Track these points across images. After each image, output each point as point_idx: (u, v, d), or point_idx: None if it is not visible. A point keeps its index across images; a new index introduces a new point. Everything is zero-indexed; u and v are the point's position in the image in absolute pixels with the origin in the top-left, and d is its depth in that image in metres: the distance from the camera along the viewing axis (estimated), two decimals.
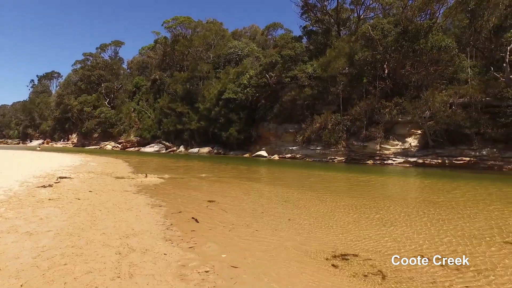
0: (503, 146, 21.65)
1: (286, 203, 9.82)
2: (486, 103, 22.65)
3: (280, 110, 34.39)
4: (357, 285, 4.42)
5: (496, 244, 6.11)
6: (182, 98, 47.90)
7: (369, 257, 5.42)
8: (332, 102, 30.64)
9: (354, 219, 7.96)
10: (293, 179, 17.42)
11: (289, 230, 6.99)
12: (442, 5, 29.94)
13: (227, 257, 5.22)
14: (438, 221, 7.71)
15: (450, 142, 23.46)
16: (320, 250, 5.72)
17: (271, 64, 35.96)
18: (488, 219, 7.93)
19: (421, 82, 26.83)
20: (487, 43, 27.37)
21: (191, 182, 14.58)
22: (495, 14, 26.30)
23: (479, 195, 11.98)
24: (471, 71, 25.91)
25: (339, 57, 30.93)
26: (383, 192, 13.14)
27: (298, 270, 4.85)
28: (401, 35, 26.47)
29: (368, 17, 39.82)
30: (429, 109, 23.93)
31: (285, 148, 33.23)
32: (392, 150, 25.50)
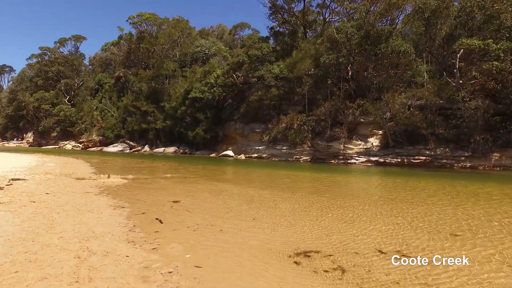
0: (454, 146, 23.23)
1: (251, 203, 9.91)
2: (440, 105, 24.18)
3: (247, 110, 34.53)
4: (318, 281, 4.57)
5: (444, 236, 6.55)
6: (147, 97, 46.71)
7: (331, 253, 5.61)
8: (298, 103, 31.21)
9: (317, 217, 8.19)
10: (259, 179, 17.58)
11: (253, 229, 7.07)
12: (401, 12, 31.47)
13: (191, 257, 5.21)
14: (396, 217, 8.12)
15: (408, 142, 24.77)
16: (284, 248, 5.85)
17: (238, 64, 36.01)
18: (442, 213, 8.47)
19: (382, 85, 28.09)
20: (440, 49, 29.17)
21: (155, 182, 14.30)
22: (447, 24, 28.08)
23: (434, 191, 12.75)
24: (427, 75, 27.51)
25: (305, 58, 31.59)
26: (346, 190, 13.62)
27: (261, 268, 4.94)
28: (364, 39, 27.50)
29: (333, 20, 40.94)
30: (390, 110, 25.10)
31: (251, 147, 33.41)
32: (355, 150, 26.48)
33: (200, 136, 37.60)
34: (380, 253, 5.61)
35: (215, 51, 48.77)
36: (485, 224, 7.54)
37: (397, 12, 31.19)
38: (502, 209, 9.34)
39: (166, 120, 42.06)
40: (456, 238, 6.45)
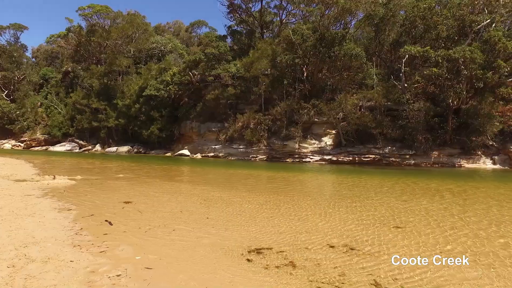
0: (400, 145, 24.85)
1: (206, 202, 9.86)
2: (388, 107, 25.74)
3: (203, 109, 34.18)
4: (269, 276, 4.68)
5: (390, 229, 7.00)
6: (99, 94, 44.39)
7: (282, 249, 5.76)
8: (254, 102, 31.49)
9: (271, 214, 8.35)
10: (214, 178, 17.50)
11: (207, 228, 7.05)
12: (354, 18, 32.92)
13: (141, 259, 5.09)
14: (346, 213, 8.52)
15: (359, 141, 26.04)
16: (237, 246, 5.90)
17: (195, 62, 35.49)
18: (387, 209, 9.02)
19: (336, 86, 29.24)
20: (388, 54, 31.02)
21: (107, 183, 13.71)
22: (394, 31, 29.91)
23: (381, 187, 13.53)
24: (376, 78, 29.09)
25: (261, 58, 31.90)
26: (300, 188, 14.01)
27: (214, 267, 4.96)
28: (318, 41, 28.37)
29: (290, 22, 41.76)
30: (342, 111, 26.21)
31: (208, 147, 33.16)
32: (310, 149, 27.31)
33: (155, 135, 36.56)
34: (330, 247, 5.87)
35: (171, 48, 47.62)
36: (424, 217, 8.15)
37: (349, 17, 32.56)
38: (441, 203, 10.15)
39: (119, 118, 40.32)
40: (399, 230, 6.92)
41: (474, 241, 6.29)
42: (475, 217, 8.18)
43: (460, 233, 6.82)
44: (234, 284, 4.39)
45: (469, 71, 22.60)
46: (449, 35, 26.16)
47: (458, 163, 23.74)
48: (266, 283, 4.48)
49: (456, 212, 8.74)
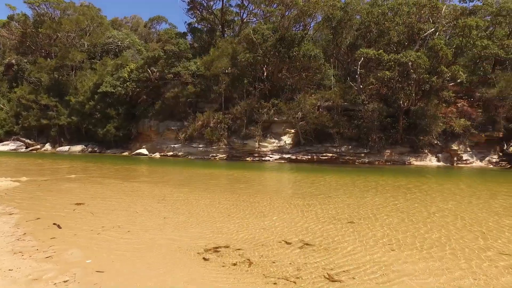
0: (356, 144, 25.98)
1: (163, 202, 9.64)
2: (344, 107, 26.76)
3: (162, 107, 33.36)
4: (225, 274, 4.68)
5: (345, 224, 7.28)
6: (49, 89, 41.67)
7: (240, 247, 5.78)
8: (214, 101, 31.30)
9: (229, 213, 8.35)
10: (173, 177, 17.16)
11: (163, 228, 6.90)
12: (313, 20, 33.84)
13: (92, 263, 4.87)
14: (303, 210, 8.72)
15: (317, 140, 26.83)
16: (194, 245, 5.84)
17: (154, 59, 34.52)
18: (343, 205, 9.36)
19: (295, 86, 29.85)
20: (345, 56, 32.25)
21: (57, 184, 12.92)
22: (350, 34, 31.16)
23: (338, 185, 14.03)
24: (334, 79, 30.12)
25: (222, 57, 31.77)
26: (259, 187, 14.13)
27: (170, 267, 4.87)
28: (278, 41, 28.78)
29: (251, 21, 41.95)
30: (301, 110, 26.84)
31: (167, 146, 32.45)
32: (270, 148, 27.67)
33: (112, 133, 35.05)
34: (286, 244, 5.99)
35: (129, 44, 45.84)
36: (377, 213, 8.56)
37: (309, 19, 33.42)
38: (393, 199, 10.73)
39: (72, 116, 38.16)
40: (353, 226, 7.22)
41: (420, 233, 6.72)
42: (422, 212, 8.74)
43: (410, 226, 7.25)
44: (189, 284, 4.34)
45: (417, 75, 24.15)
46: (399, 41, 27.76)
47: (408, 161, 25.24)
48: (222, 281, 4.48)
49: (406, 208, 9.28)
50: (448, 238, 6.41)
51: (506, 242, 6.17)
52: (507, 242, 6.20)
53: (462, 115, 25.78)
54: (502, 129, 25.40)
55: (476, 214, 8.54)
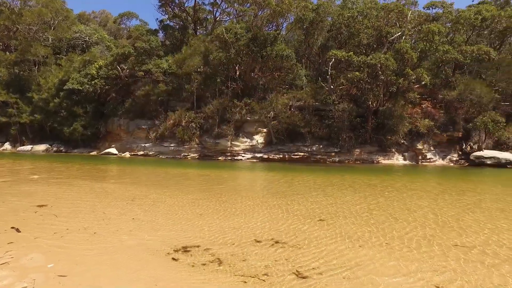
0: (327, 143, 26.56)
1: (133, 202, 9.42)
2: (316, 107, 27.27)
3: (133, 105, 32.49)
4: (195, 274, 4.66)
5: (313, 222, 7.43)
6: (8, 85, 39.34)
7: (210, 246, 5.77)
8: (186, 100, 30.90)
9: (200, 212, 8.30)
10: (143, 177, 16.79)
11: (132, 229, 6.75)
12: (285, 20, 34.14)
13: (54, 267, 4.68)
14: (274, 208, 8.82)
15: (289, 140, 27.17)
16: (163, 246, 5.76)
17: (124, 56, 33.53)
18: (313, 203, 9.54)
19: (267, 85, 30.04)
20: (316, 57, 32.82)
21: (17, 185, 12.26)
22: (322, 35, 31.78)
23: (309, 183, 14.27)
24: (306, 79, 30.59)
25: (194, 55, 31.40)
26: (231, 186, 14.12)
27: (137, 269, 4.77)
28: (251, 41, 28.84)
29: (224, 20, 41.73)
30: (273, 110, 27.05)
31: (137, 145, 31.69)
32: (242, 147, 27.71)
33: (79, 132, 33.68)
34: (257, 242, 6.04)
35: (97, 40, 44.18)
36: (346, 210, 8.80)
37: (281, 20, 33.69)
38: (362, 196, 11.05)
39: (35, 114, 36.28)
40: (322, 223, 7.38)
41: (388, 230, 6.98)
42: (391, 209, 9.09)
43: (377, 223, 7.51)
44: (157, 285, 4.28)
45: (385, 76, 25.02)
46: (369, 43, 28.66)
47: (376, 159, 26.11)
48: (192, 280, 4.45)
49: (375, 205, 9.60)
50: (416, 234, 6.70)
51: (473, 237, 6.53)
52: (473, 237, 6.56)
53: (426, 116, 26.99)
54: (461, 129, 26.89)
55: (446, 210, 8.98)
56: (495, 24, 29.05)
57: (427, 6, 31.88)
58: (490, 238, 6.45)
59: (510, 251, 5.70)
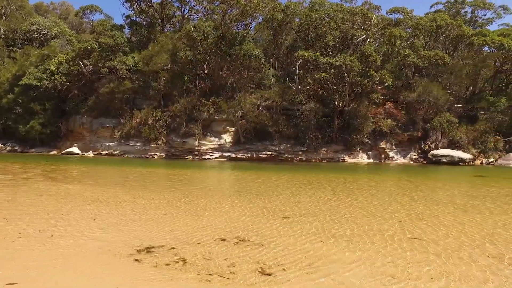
0: (294, 142, 27.04)
1: (94, 203, 9.09)
2: (283, 106, 27.68)
3: (96, 103, 31.31)
4: (158, 275, 4.58)
5: (278, 219, 7.53)
6: None
7: (174, 246, 5.69)
8: (153, 98, 30.27)
9: (165, 212, 8.17)
10: (107, 177, 16.26)
11: (93, 231, 6.52)
12: (254, 20, 34.21)
13: (3, 274, 4.41)
14: (240, 207, 8.84)
15: (257, 139, 27.38)
16: (125, 247, 5.61)
17: (87, 51, 32.18)
18: (278, 201, 9.66)
19: (236, 85, 30.05)
20: (284, 57, 33.25)
21: None
22: (290, 36, 32.25)
23: (275, 182, 14.44)
24: (274, 79, 30.92)
25: (162, 52, 30.77)
26: (198, 185, 14.01)
27: (97, 272, 4.62)
28: (220, 40, 28.71)
29: (192, 18, 41.16)
30: (241, 109, 27.11)
31: (101, 144, 30.61)
32: (210, 146, 27.58)
33: (37, 130, 31.89)
34: (221, 241, 6.03)
35: (57, 33, 42.07)
36: (310, 207, 9.01)
37: (250, 19, 33.74)
38: (326, 194, 11.35)
39: None
40: (287, 220, 7.51)
41: (351, 226, 7.22)
42: (352, 204, 9.40)
43: (341, 220, 7.73)
44: (119, 287, 4.17)
45: (351, 77, 25.84)
46: (335, 45, 29.48)
47: (342, 158, 26.89)
48: (154, 281, 4.38)
49: (338, 202, 9.89)
50: (376, 228, 6.98)
51: (424, 231, 6.90)
52: (424, 231, 6.93)
53: (389, 116, 28.14)
54: (420, 129, 28.38)
55: (404, 206, 9.42)
56: (448, 32, 30.90)
57: (389, 11, 33.32)
58: (441, 231, 6.85)
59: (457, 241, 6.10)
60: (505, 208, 9.30)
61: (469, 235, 6.56)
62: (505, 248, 5.80)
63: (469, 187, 14.49)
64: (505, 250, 5.72)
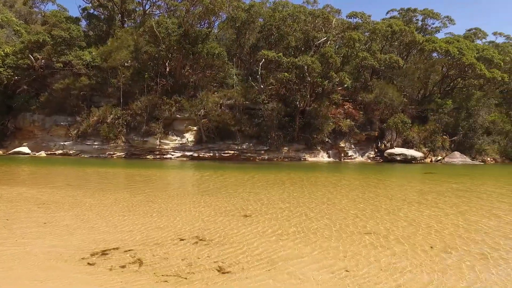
0: (256, 141, 27.31)
1: (44, 206, 8.60)
2: (246, 106, 27.89)
3: (50, 100, 29.55)
4: (112, 278, 4.44)
5: (239, 218, 7.58)
6: None
7: (131, 248, 5.55)
8: (112, 95, 29.19)
9: (123, 213, 7.92)
10: (61, 178, 15.43)
11: (43, 235, 6.18)
12: (217, 18, 34.02)
13: None
14: (200, 207, 8.77)
15: (219, 138, 27.32)
16: (78, 251, 5.37)
17: (38, 44, 30.26)
18: (239, 200, 9.71)
19: (198, 83, 29.78)
20: (248, 57, 33.42)
21: None
22: (253, 35, 32.48)
23: (237, 181, 14.49)
24: (237, 78, 30.97)
25: (121, 48, 29.70)
26: (158, 185, 13.72)
27: (43, 279, 4.37)
28: (183, 37, 28.26)
29: (154, 13, 40.02)
30: (204, 108, 26.92)
31: (55, 143, 28.99)
32: (171, 145, 27.11)
33: None
34: (180, 241, 5.97)
35: (2, 22, 39.03)
36: (271, 205, 9.14)
37: (214, 17, 33.48)
38: (286, 192, 11.57)
39: None
40: (247, 219, 7.57)
41: (308, 223, 7.43)
42: (310, 202, 9.67)
43: (300, 217, 7.92)
44: None
45: (312, 78, 26.52)
46: (297, 46, 30.09)
47: (303, 157, 27.54)
48: (108, 285, 4.25)
49: (297, 200, 10.13)
50: (332, 225, 7.24)
51: (374, 223, 7.26)
52: (374, 223, 7.30)
53: (348, 116, 29.25)
54: (377, 129, 29.80)
55: (357, 203, 9.83)
56: (402, 37, 32.70)
57: (349, 15, 34.62)
58: (385, 224, 7.27)
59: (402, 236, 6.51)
60: (455, 202, 10.03)
61: (419, 228, 7.01)
62: (449, 241, 6.27)
63: (421, 184, 15.44)
64: (449, 242, 6.19)
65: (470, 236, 6.56)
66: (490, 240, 6.33)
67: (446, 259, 5.29)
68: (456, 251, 5.68)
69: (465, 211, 8.79)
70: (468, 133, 32.23)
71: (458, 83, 34.65)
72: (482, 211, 8.92)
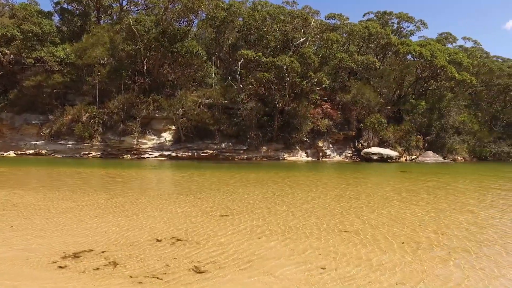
0: (235, 141, 27.29)
1: (12, 208, 8.25)
2: (225, 105, 27.81)
3: (19, 97, 28.45)
4: (85, 281, 4.31)
5: (216, 218, 7.55)
6: None
7: (105, 249, 5.41)
8: (87, 93, 28.43)
9: (97, 214, 7.72)
10: (31, 179, 14.88)
11: (10, 239, 5.92)
12: (197, 17, 33.72)
13: None
14: (177, 207, 8.65)
15: (198, 137, 27.11)
16: (48, 254, 5.18)
17: (6, 38, 29.01)
18: (216, 200, 9.66)
19: (177, 82, 29.44)
20: (227, 56, 33.33)
21: None
22: (233, 35, 32.42)
23: (215, 180, 14.40)
24: (216, 77, 30.82)
25: (97, 45, 28.91)
26: (134, 185, 13.46)
27: (10, 284, 4.20)
28: (161, 35, 27.84)
29: (131, 10, 39.21)
30: (182, 107, 26.64)
31: (26, 142, 27.91)
32: (149, 145, 26.69)
33: None
34: (157, 241, 5.87)
35: None
36: (249, 205, 9.14)
37: (193, 16, 33.15)
38: (263, 191, 11.60)
39: None
40: (224, 219, 7.55)
41: (286, 221, 7.48)
42: (290, 202, 9.75)
43: (277, 216, 7.96)
44: None
45: (291, 78, 26.75)
46: (276, 46, 30.27)
47: (282, 156, 27.74)
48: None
49: (274, 198, 10.18)
50: (309, 223, 7.32)
51: (348, 222, 7.40)
52: (350, 223, 7.44)
53: (326, 116, 29.70)
54: (354, 129, 30.44)
55: (335, 202, 9.99)
56: (379, 39, 33.52)
57: (328, 16, 35.08)
58: (366, 223, 7.44)
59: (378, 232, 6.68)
60: (432, 199, 10.37)
61: (392, 225, 7.20)
62: (424, 237, 6.48)
63: (399, 182, 15.88)
64: (424, 239, 6.39)
65: (452, 233, 6.80)
66: (471, 235, 6.61)
67: (433, 255, 5.47)
68: (441, 248, 5.88)
69: (444, 209, 9.12)
70: (440, 133, 33.50)
71: (431, 85, 35.89)
72: (457, 207, 9.33)
